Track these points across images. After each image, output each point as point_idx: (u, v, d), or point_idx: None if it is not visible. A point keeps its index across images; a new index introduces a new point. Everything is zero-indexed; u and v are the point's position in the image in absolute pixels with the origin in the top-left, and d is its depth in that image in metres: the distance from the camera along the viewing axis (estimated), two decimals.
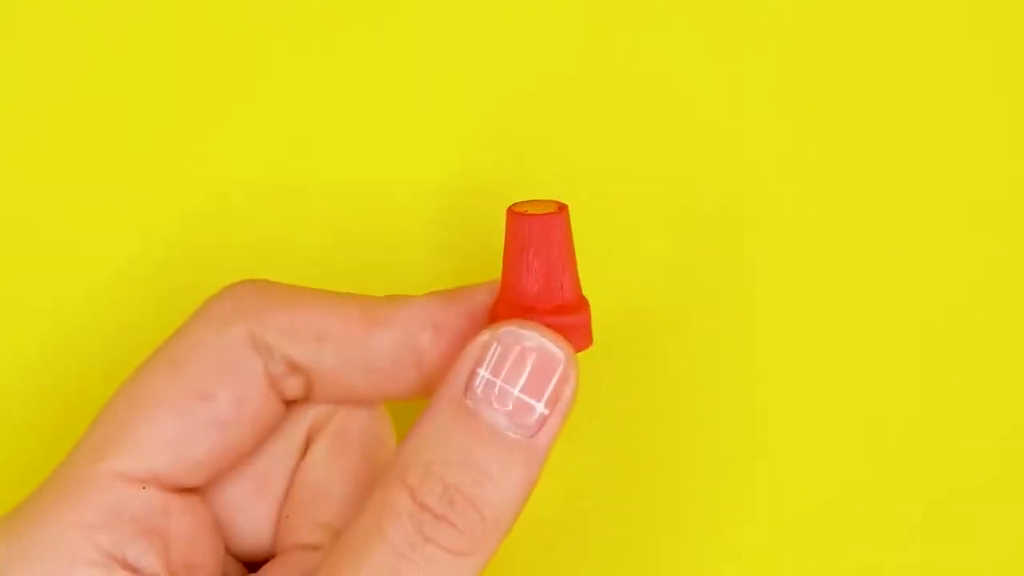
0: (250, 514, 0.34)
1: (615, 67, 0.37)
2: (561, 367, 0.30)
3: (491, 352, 0.30)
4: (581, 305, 0.32)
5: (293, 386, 0.33)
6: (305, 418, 0.34)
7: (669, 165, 0.37)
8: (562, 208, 0.31)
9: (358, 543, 0.29)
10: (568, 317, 0.31)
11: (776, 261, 0.38)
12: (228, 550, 0.34)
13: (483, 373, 0.30)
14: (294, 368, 0.32)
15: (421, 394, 0.33)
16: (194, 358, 0.31)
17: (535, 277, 0.31)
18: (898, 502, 0.38)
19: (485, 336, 0.30)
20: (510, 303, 0.31)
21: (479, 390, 0.30)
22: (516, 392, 0.30)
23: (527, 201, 0.32)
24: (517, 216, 0.31)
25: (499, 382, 0.30)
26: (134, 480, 0.31)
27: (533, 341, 0.30)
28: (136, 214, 0.38)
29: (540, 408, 0.30)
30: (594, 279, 0.33)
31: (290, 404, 0.33)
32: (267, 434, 0.33)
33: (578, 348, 0.31)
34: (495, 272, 0.34)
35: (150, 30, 0.37)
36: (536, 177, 0.38)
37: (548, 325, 0.30)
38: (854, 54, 0.38)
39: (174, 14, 0.37)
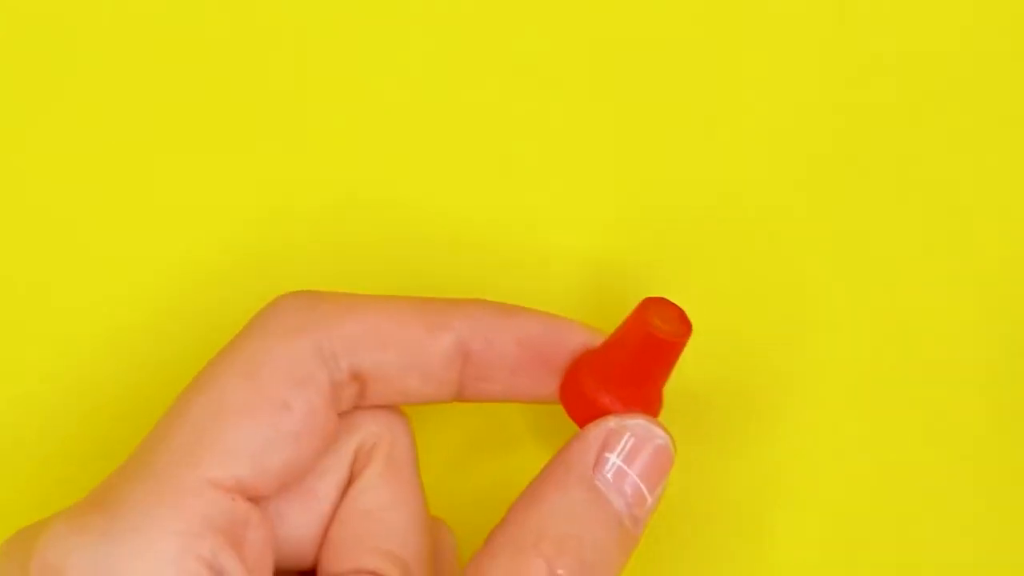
0: (294, 527, 0.33)
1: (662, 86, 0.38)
2: (671, 466, 0.32)
3: (623, 440, 0.32)
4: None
5: (349, 396, 0.33)
6: (350, 436, 0.34)
7: (715, 181, 0.37)
8: (688, 328, 0.33)
9: None
10: (655, 407, 0.33)
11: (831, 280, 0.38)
12: None
13: (614, 459, 0.31)
14: (355, 376, 0.32)
15: (448, 400, 0.34)
16: (267, 369, 0.31)
17: (651, 382, 0.33)
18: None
19: (612, 423, 0.32)
20: (610, 383, 0.32)
21: (609, 474, 0.31)
22: (643, 485, 0.31)
23: (655, 301, 0.33)
24: (652, 335, 0.32)
25: (629, 471, 0.31)
26: (223, 489, 0.30)
27: (663, 440, 0.32)
28: (192, 218, 0.38)
29: (651, 501, 0.32)
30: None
31: (341, 415, 0.33)
32: (326, 448, 0.33)
33: None
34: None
35: (216, 44, 0.38)
36: (576, 186, 0.38)
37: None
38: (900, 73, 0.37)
39: (236, 29, 0.37)
